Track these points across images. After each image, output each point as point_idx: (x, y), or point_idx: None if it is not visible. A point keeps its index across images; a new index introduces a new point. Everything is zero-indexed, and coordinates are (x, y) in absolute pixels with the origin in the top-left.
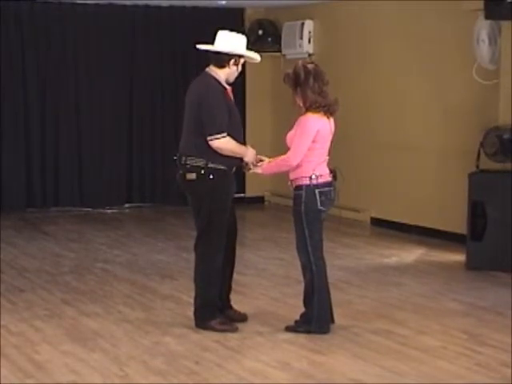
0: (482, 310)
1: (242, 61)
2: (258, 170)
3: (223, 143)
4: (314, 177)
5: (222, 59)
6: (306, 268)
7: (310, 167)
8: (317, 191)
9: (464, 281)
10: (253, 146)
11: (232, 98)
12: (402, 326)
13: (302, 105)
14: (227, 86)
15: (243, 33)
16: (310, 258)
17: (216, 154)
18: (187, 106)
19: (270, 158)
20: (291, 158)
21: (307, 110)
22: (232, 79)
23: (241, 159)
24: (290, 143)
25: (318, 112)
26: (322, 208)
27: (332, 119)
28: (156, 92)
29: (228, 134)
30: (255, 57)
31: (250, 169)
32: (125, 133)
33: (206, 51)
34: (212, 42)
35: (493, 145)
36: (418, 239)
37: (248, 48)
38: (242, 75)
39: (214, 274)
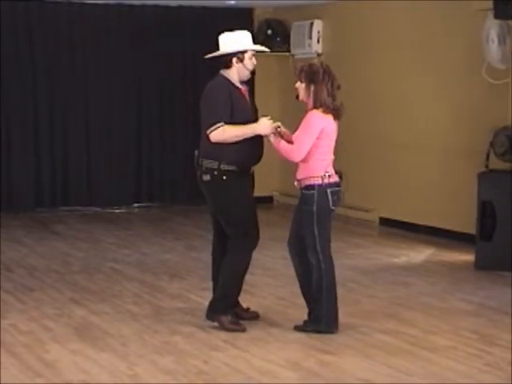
0: (491, 310)
1: (247, 56)
2: (271, 139)
3: (219, 133)
4: (326, 176)
5: (225, 60)
6: (315, 267)
7: (322, 167)
8: (329, 191)
9: (473, 281)
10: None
11: (247, 97)
12: (410, 325)
13: (310, 102)
14: (240, 86)
15: (251, 32)
16: (319, 257)
17: (229, 155)
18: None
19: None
20: (295, 153)
21: (315, 108)
22: (245, 76)
23: (261, 152)
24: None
25: (326, 114)
26: (334, 208)
27: (336, 121)
28: (165, 92)
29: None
30: (260, 49)
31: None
32: (134, 133)
33: (214, 57)
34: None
35: (502, 144)
36: (427, 239)
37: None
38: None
39: (240, 274)
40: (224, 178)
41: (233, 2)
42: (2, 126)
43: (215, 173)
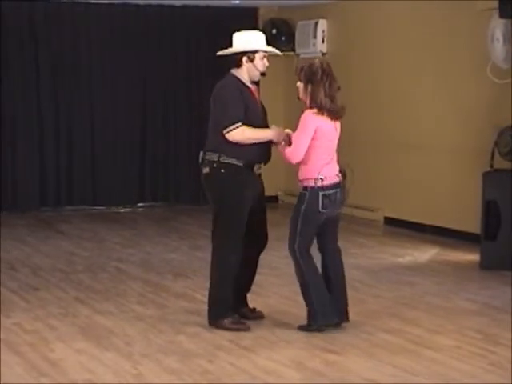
0: (496, 310)
1: (258, 56)
2: (279, 147)
3: (239, 133)
4: (319, 179)
5: (235, 59)
6: (294, 266)
7: (316, 168)
8: (321, 194)
9: (478, 280)
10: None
11: (257, 96)
12: (415, 325)
13: (307, 102)
14: (250, 85)
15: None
16: (296, 255)
17: (232, 149)
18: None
19: None
20: (293, 154)
21: (310, 108)
22: (255, 76)
23: (267, 152)
24: None
25: (322, 114)
26: (323, 211)
27: (338, 122)
28: (169, 91)
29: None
30: (271, 50)
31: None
32: (138, 132)
33: (225, 56)
34: (226, 41)
35: (507, 144)
36: (432, 239)
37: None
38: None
39: (228, 274)
40: (222, 171)
41: (237, 2)
42: (7, 125)
43: (214, 165)
